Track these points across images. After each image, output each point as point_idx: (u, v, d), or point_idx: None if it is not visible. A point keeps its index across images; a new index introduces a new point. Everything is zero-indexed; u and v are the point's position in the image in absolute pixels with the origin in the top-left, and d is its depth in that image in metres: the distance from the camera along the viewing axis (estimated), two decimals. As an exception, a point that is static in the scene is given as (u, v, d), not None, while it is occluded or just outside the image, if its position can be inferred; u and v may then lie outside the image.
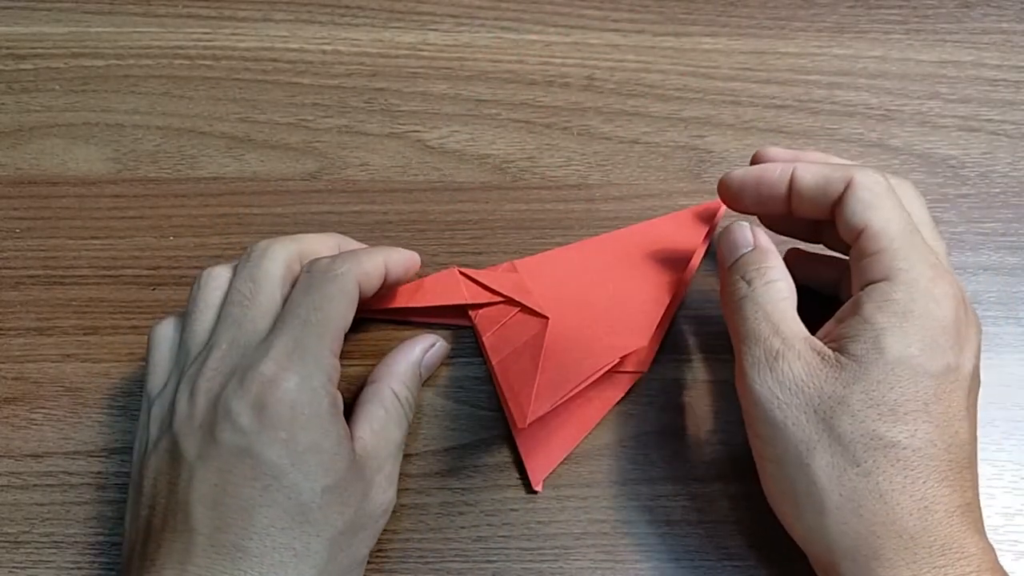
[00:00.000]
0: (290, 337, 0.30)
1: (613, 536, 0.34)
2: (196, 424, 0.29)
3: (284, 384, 0.29)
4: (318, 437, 0.29)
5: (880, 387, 0.28)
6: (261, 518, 0.27)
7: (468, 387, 0.37)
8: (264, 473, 0.28)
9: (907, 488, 0.27)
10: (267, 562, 0.27)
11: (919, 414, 0.28)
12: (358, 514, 0.29)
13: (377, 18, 0.48)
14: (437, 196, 0.42)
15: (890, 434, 0.28)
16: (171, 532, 0.28)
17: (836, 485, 0.28)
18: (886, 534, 0.27)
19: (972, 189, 0.43)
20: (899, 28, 0.48)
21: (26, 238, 0.40)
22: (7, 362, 0.37)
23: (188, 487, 0.28)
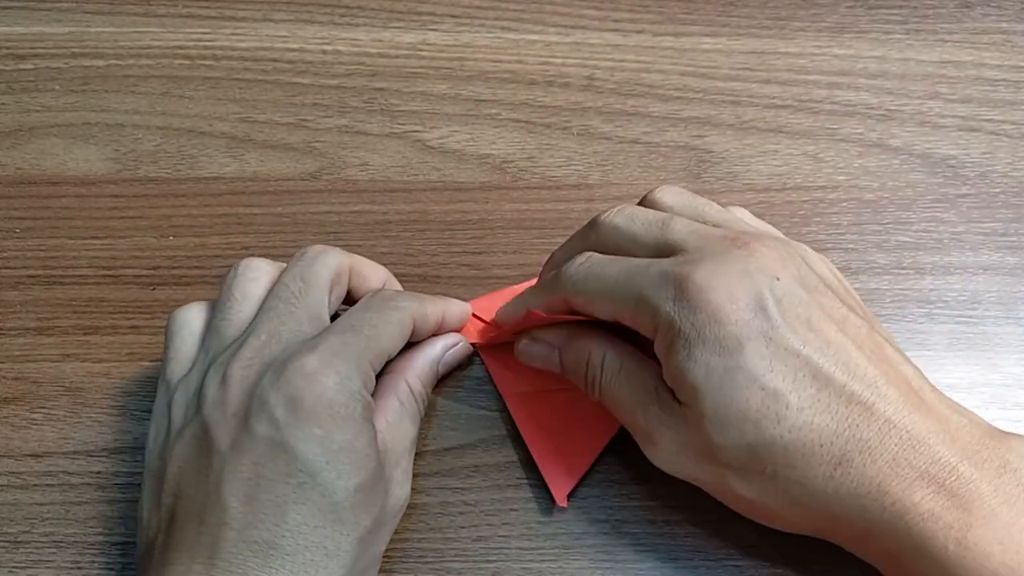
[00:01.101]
0: (338, 340, 0.30)
1: (613, 536, 0.34)
2: (229, 412, 0.29)
3: (324, 381, 0.28)
4: (351, 437, 0.28)
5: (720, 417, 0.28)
6: (294, 515, 0.27)
7: (468, 387, 0.37)
8: (299, 470, 0.27)
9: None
10: (299, 560, 0.27)
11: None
12: (382, 512, 0.29)
13: (377, 18, 0.48)
14: (437, 196, 0.42)
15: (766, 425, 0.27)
16: (198, 523, 0.27)
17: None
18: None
19: (972, 189, 0.43)
20: (899, 28, 0.48)
21: (26, 238, 0.40)
22: (7, 362, 0.37)
23: (220, 479, 0.28)
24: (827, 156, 0.43)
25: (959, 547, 0.25)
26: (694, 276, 0.28)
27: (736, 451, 0.28)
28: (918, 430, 0.27)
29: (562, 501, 0.33)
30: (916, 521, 0.26)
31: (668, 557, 0.33)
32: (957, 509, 0.26)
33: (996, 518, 0.26)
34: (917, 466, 0.26)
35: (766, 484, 0.28)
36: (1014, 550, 0.25)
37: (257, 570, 0.26)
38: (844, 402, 0.27)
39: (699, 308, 0.28)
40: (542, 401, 0.35)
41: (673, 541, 0.33)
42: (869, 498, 0.27)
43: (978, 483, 0.26)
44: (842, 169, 0.43)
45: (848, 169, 0.43)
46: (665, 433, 0.30)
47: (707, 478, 0.30)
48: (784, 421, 0.27)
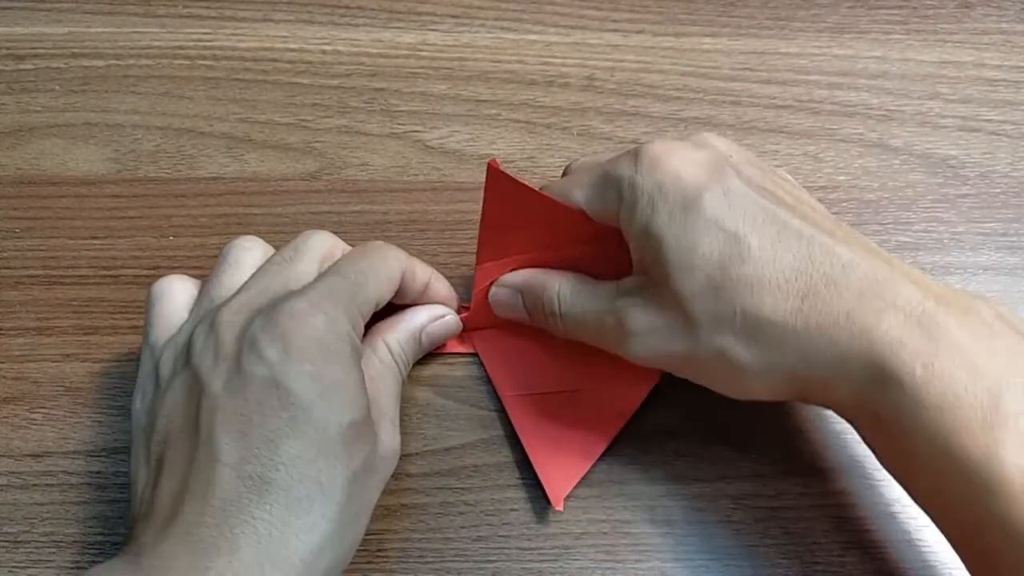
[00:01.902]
0: (326, 285, 0.30)
1: (613, 536, 0.33)
2: (220, 356, 0.29)
3: (312, 321, 0.29)
4: (342, 375, 0.29)
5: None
6: (288, 449, 0.27)
7: (468, 387, 0.37)
8: (291, 404, 0.28)
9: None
10: (293, 495, 0.27)
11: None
12: (373, 454, 0.30)
13: (377, 18, 0.48)
14: (437, 196, 0.42)
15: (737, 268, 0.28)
16: (189, 466, 0.27)
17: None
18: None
19: (972, 189, 0.43)
20: (899, 28, 0.48)
21: (26, 238, 0.40)
22: (7, 362, 0.37)
23: (212, 419, 0.28)
24: (827, 156, 0.43)
25: (926, 372, 0.26)
26: (651, 148, 0.31)
27: (704, 297, 0.28)
28: (882, 272, 0.28)
29: (558, 504, 0.33)
30: (884, 347, 0.26)
31: (668, 557, 0.33)
32: (924, 338, 0.26)
33: (962, 348, 0.26)
34: (884, 298, 0.27)
35: (737, 334, 0.28)
36: (979, 376, 0.25)
37: (252, 506, 0.26)
38: (805, 243, 0.28)
39: (659, 169, 0.30)
40: (539, 403, 0.35)
41: (673, 541, 0.33)
42: (837, 328, 0.27)
43: (944, 317, 0.26)
44: (842, 169, 0.43)
45: (848, 169, 0.43)
46: (633, 313, 0.30)
47: (681, 347, 0.30)
48: (747, 261, 0.28)
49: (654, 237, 0.29)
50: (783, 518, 0.34)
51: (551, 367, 0.36)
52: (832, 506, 0.34)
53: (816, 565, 0.33)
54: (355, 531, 0.29)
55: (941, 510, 0.27)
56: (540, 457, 0.34)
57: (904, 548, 0.33)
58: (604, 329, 0.32)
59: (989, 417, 0.25)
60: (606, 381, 0.35)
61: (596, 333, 0.33)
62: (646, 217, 0.30)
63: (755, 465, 0.35)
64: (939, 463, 0.25)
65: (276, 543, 0.26)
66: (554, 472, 0.34)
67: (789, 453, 0.35)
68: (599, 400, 0.35)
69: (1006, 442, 0.24)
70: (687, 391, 0.36)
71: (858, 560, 0.33)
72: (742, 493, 0.34)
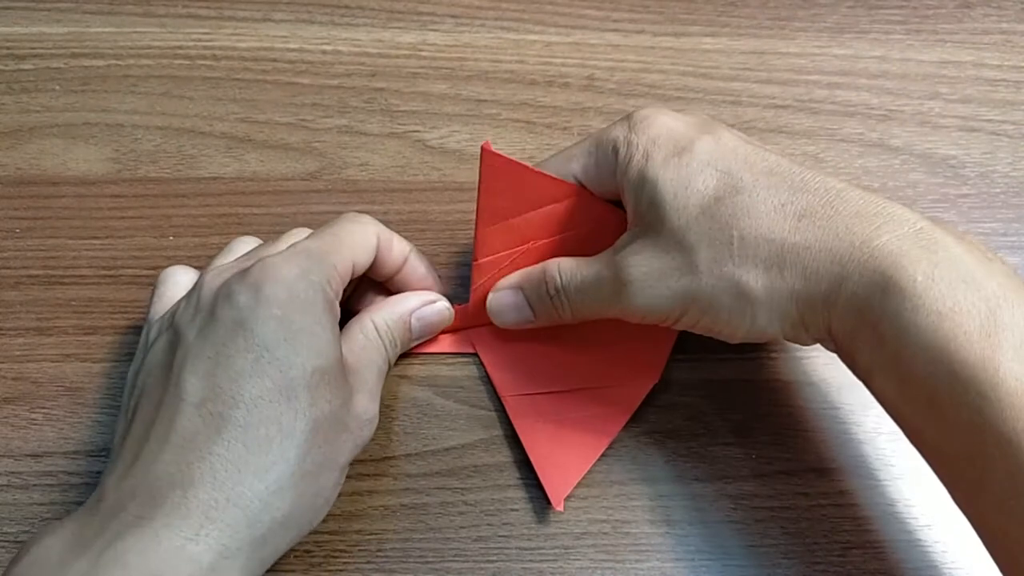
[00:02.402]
0: (303, 245, 0.32)
1: (613, 536, 0.33)
2: (198, 310, 0.30)
3: (284, 270, 0.30)
4: (311, 322, 0.29)
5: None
6: (250, 388, 0.28)
7: (468, 387, 0.37)
8: (256, 344, 0.28)
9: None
10: (251, 434, 0.27)
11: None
12: (343, 411, 0.30)
13: (377, 18, 0.48)
14: (437, 196, 0.42)
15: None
16: (157, 407, 0.28)
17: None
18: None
19: (972, 189, 0.43)
20: (899, 28, 0.48)
21: (26, 238, 0.40)
22: (7, 362, 0.37)
23: (183, 362, 0.29)
24: (828, 156, 0.43)
25: (927, 279, 0.26)
26: (643, 110, 0.32)
27: (699, 228, 0.29)
28: (876, 197, 0.28)
29: (558, 505, 0.33)
30: (885, 256, 0.27)
31: (668, 557, 0.33)
32: (924, 250, 0.27)
33: (961, 261, 0.26)
34: (882, 215, 0.28)
35: (736, 259, 0.29)
36: (977, 287, 0.26)
37: (211, 443, 0.27)
38: (798, 175, 0.29)
39: (651, 126, 0.31)
40: (539, 404, 0.35)
41: (673, 541, 0.33)
42: (837, 240, 0.27)
43: (942, 235, 0.27)
44: (843, 169, 0.43)
45: (849, 169, 0.43)
46: (630, 261, 0.31)
47: (681, 285, 0.30)
48: (742, 191, 0.29)
49: (649, 181, 0.30)
50: (783, 518, 0.34)
51: (551, 367, 0.36)
52: (832, 506, 0.34)
53: (816, 565, 0.33)
54: (320, 483, 0.29)
55: (935, 420, 0.27)
56: (540, 457, 0.34)
57: (904, 548, 0.33)
58: (603, 288, 0.32)
59: (986, 325, 0.25)
60: (606, 381, 0.35)
61: (597, 296, 0.33)
62: (640, 166, 0.31)
63: (755, 465, 0.35)
64: (936, 370, 0.25)
65: (233, 479, 0.27)
66: (554, 472, 0.34)
67: (789, 453, 0.35)
68: (599, 400, 0.35)
69: (1002, 348, 0.25)
70: (687, 391, 0.36)
71: (858, 560, 0.33)
72: (742, 493, 0.34)
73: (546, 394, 0.35)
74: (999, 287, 0.26)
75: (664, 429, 0.36)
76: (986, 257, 0.27)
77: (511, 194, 0.34)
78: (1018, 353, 0.25)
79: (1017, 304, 0.26)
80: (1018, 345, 0.25)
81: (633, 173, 0.31)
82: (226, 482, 0.26)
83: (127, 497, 0.26)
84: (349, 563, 0.33)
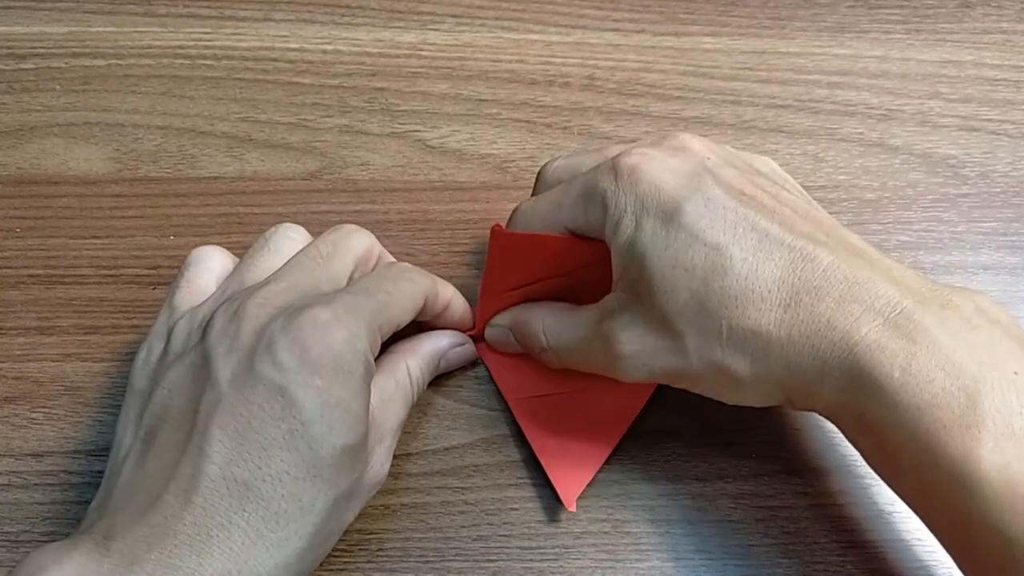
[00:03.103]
0: (353, 299, 0.30)
1: (613, 536, 0.34)
2: (235, 347, 0.28)
3: (334, 334, 0.28)
4: (349, 397, 0.28)
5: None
6: (278, 461, 0.27)
7: (468, 387, 0.37)
8: (293, 416, 0.27)
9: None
10: (272, 508, 0.27)
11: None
12: (359, 480, 0.30)
13: (378, 18, 0.48)
14: (437, 196, 0.42)
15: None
16: (179, 453, 0.27)
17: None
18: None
19: (972, 189, 0.43)
20: (900, 28, 0.48)
21: (26, 238, 0.40)
22: (8, 361, 0.37)
23: (212, 411, 0.27)
24: (828, 156, 0.43)
25: (904, 374, 0.26)
26: (627, 159, 0.31)
27: (689, 313, 0.29)
28: (862, 274, 0.28)
29: (571, 505, 0.33)
30: (864, 352, 0.27)
31: (668, 557, 0.33)
32: (902, 339, 0.26)
33: (939, 347, 0.26)
34: (863, 302, 0.27)
35: (725, 347, 0.29)
36: (956, 375, 0.26)
37: (231, 512, 0.26)
38: (786, 250, 0.28)
39: (638, 181, 0.30)
40: (547, 405, 0.35)
41: (673, 541, 0.33)
42: (819, 336, 0.27)
43: (922, 316, 0.27)
44: (843, 169, 0.43)
45: (849, 169, 0.43)
46: (621, 335, 0.31)
47: (673, 364, 0.30)
48: (730, 272, 0.28)
49: (637, 254, 0.30)
50: (783, 518, 0.34)
51: (555, 369, 0.36)
52: (832, 506, 0.34)
53: (816, 565, 0.33)
54: (324, 549, 0.29)
55: (926, 508, 0.27)
56: (549, 458, 0.34)
57: (904, 548, 0.33)
58: (593, 354, 0.32)
59: (966, 416, 0.25)
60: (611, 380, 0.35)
61: (586, 360, 0.33)
62: (630, 233, 0.30)
63: (755, 465, 0.35)
64: (921, 462, 0.26)
65: (247, 553, 0.26)
66: (565, 473, 0.34)
67: (789, 453, 0.35)
68: (605, 399, 0.35)
69: (982, 440, 0.25)
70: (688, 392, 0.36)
71: (858, 560, 0.33)
72: (742, 493, 0.34)
73: (552, 396, 0.35)
74: (980, 367, 0.26)
75: (664, 429, 0.36)
76: (970, 327, 0.27)
77: (518, 263, 0.34)
78: (999, 444, 0.25)
79: (998, 384, 0.25)
80: (999, 434, 0.25)
81: (622, 239, 0.30)
82: (240, 554, 0.26)
83: (142, 550, 0.26)
84: (350, 563, 0.33)
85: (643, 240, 0.29)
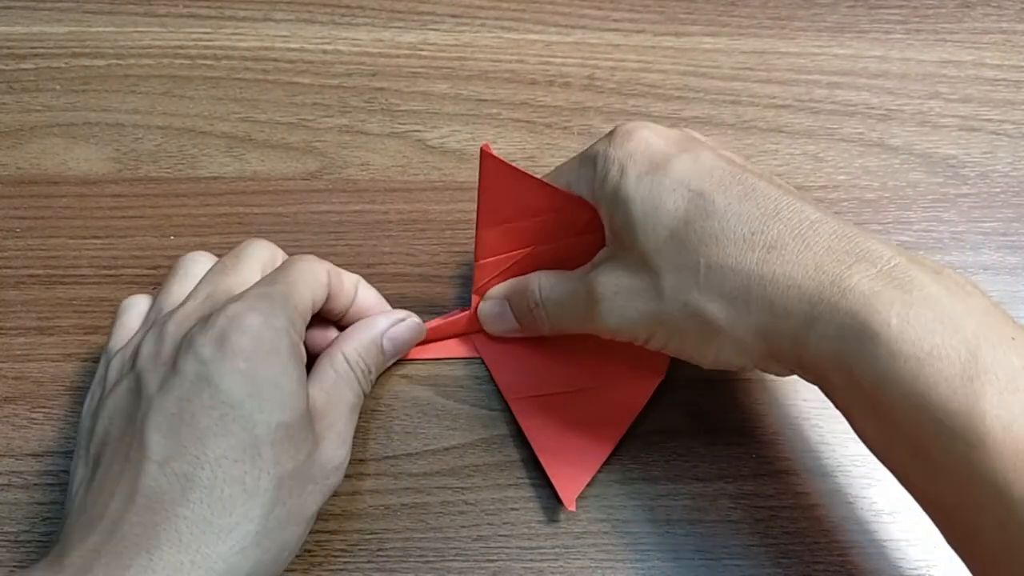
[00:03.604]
0: (259, 289, 0.31)
1: (613, 536, 0.34)
2: (160, 361, 0.29)
3: (247, 320, 0.29)
4: (277, 373, 0.29)
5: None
6: (215, 447, 0.27)
7: (468, 387, 0.37)
8: (221, 402, 0.28)
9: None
10: (216, 495, 0.27)
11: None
12: (308, 464, 0.29)
13: (378, 18, 0.48)
14: (437, 196, 0.42)
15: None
16: (122, 462, 0.28)
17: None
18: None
19: (972, 189, 0.43)
20: (900, 28, 0.48)
21: (27, 237, 0.40)
22: (8, 361, 0.37)
23: (146, 418, 0.28)
24: (828, 156, 0.43)
25: (901, 322, 0.25)
26: (626, 124, 0.32)
27: (667, 251, 0.29)
28: (852, 231, 0.27)
29: (571, 505, 0.33)
30: (857, 298, 0.25)
31: (668, 557, 0.33)
32: (898, 290, 0.25)
33: (937, 301, 0.25)
34: (854, 252, 0.26)
35: (702, 287, 0.28)
36: (955, 329, 0.24)
37: (176, 504, 0.27)
38: (772, 201, 0.28)
39: (630, 140, 0.31)
40: (547, 405, 0.35)
41: (673, 541, 0.33)
42: (807, 278, 0.26)
43: (917, 272, 0.26)
44: (843, 169, 0.43)
45: (849, 169, 0.43)
46: (602, 279, 0.31)
47: (649, 307, 0.30)
48: (712, 216, 0.28)
49: (621, 200, 0.30)
50: (783, 518, 0.34)
51: (555, 368, 0.36)
52: (832, 506, 0.34)
53: (816, 565, 0.33)
54: (284, 538, 0.29)
55: (919, 470, 0.26)
56: (550, 458, 0.34)
57: (904, 548, 0.33)
58: (577, 307, 0.32)
59: (968, 369, 0.24)
60: (611, 379, 0.36)
61: (572, 314, 0.33)
62: (615, 182, 0.30)
63: (755, 465, 0.35)
64: (917, 417, 0.24)
65: (197, 541, 0.26)
66: (565, 472, 0.34)
67: (789, 453, 0.35)
68: (605, 399, 0.35)
69: (986, 394, 0.23)
70: (687, 391, 0.36)
71: (858, 560, 0.33)
72: (742, 493, 0.34)
73: (552, 396, 0.35)
74: (979, 326, 0.24)
75: (664, 429, 0.36)
76: (965, 292, 0.26)
77: (510, 198, 0.34)
78: (1003, 398, 0.23)
79: (998, 343, 0.24)
80: (1002, 389, 0.23)
81: (608, 189, 0.31)
82: (191, 544, 0.26)
83: (92, 557, 0.26)
84: (350, 563, 0.33)
85: (627, 185, 0.30)
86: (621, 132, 0.31)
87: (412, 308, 0.38)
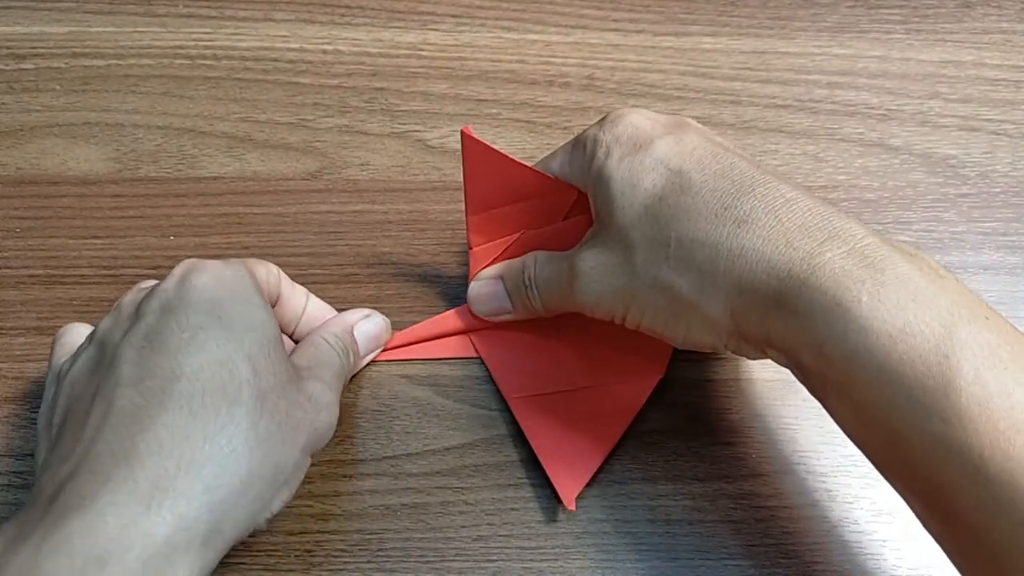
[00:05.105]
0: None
1: (613, 536, 0.34)
2: (121, 319, 0.29)
3: (206, 264, 0.30)
4: (243, 299, 0.29)
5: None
6: (189, 362, 0.27)
7: (468, 387, 0.37)
8: (189, 324, 0.27)
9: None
10: (196, 403, 0.26)
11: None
12: (291, 388, 0.29)
13: (378, 18, 0.48)
14: (437, 196, 0.42)
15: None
16: (89, 401, 0.27)
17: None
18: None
19: (972, 189, 0.43)
20: (900, 28, 0.48)
21: (26, 238, 0.40)
22: (8, 361, 0.37)
23: (113, 357, 0.27)
24: (828, 156, 0.43)
25: (873, 299, 0.24)
26: (619, 109, 0.32)
27: (641, 226, 0.29)
28: (826, 208, 0.27)
29: (570, 504, 0.33)
30: (827, 274, 0.25)
31: (668, 557, 0.33)
32: (870, 268, 0.25)
33: (909, 279, 0.25)
34: (827, 230, 0.26)
35: (672, 261, 0.28)
36: (928, 306, 0.24)
37: (154, 415, 0.25)
38: (749, 179, 0.28)
39: (619, 123, 0.31)
40: (547, 404, 0.35)
41: (673, 541, 0.33)
42: (776, 253, 0.26)
43: (890, 253, 0.25)
44: (843, 169, 0.43)
45: (849, 169, 0.43)
46: (583, 252, 0.31)
47: (621, 282, 0.30)
48: (687, 191, 0.28)
49: (604, 178, 0.30)
50: (783, 518, 0.34)
51: (555, 367, 0.36)
52: (832, 506, 0.34)
53: (816, 565, 0.33)
54: (277, 457, 0.27)
55: (894, 451, 0.25)
56: (549, 457, 0.34)
57: (904, 548, 0.33)
58: (562, 282, 0.33)
59: (943, 346, 0.23)
60: (610, 378, 0.36)
61: (557, 289, 0.33)
62: (600, 163, 0.31)
63: (755, 465, 0.35)
64: (892, 397, 0.24)
65: (181, 447, 0.25)
66: (564, 472, 0.34)
67: (789, 453, 0.35)
68: (604, 398, 0.35)
69: (962, 370, 0.23)
70: (687, 391, 0.36)
71: (858, 560, 0.33)
72: (742, 493, 0.34)
73: (551, 394, 0.36)
74: (953, 304, 0.24)
75: (664, 429, 0.36)
76: (938, 275, 0.26)
77: (495, 182, 0.34)
78: (979, 375, 0.23)
79: (972, 320, 0.24)
80: (978, 367, 0.23)
81: (594, 169, 0.31)
82: (174, 450, 0.25)
83: (66, 480, 0.25)
84: (350, 563, 0.33)
85: (610, 165, 0.30)
86: (612, 116, 0.32)
87: (412, 308, 0.38)
